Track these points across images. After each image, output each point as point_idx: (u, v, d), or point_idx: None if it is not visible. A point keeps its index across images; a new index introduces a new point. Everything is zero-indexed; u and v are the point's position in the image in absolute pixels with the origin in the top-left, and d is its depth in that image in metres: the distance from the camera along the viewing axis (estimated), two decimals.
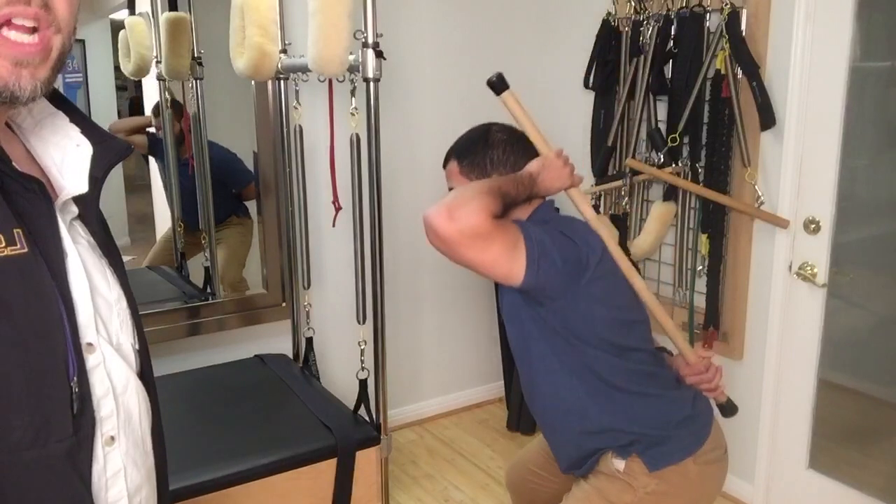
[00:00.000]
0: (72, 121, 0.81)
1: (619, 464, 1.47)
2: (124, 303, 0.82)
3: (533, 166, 1.48)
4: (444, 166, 1.61)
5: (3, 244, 0.66)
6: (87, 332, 0.74)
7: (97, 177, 0.79)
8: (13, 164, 0.71)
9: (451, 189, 1.55)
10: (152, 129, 2.48)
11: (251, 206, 2.59)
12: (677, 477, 1.46)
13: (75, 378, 0.71)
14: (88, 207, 0.80)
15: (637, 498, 1.46)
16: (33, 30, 0.68)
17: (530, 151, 1.53)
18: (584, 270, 1.39)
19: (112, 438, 0.76)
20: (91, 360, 0.74)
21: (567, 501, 1.56)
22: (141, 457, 0.81)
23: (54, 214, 0.73)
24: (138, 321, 0.85)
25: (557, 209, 1.61)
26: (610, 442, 1.48)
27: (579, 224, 1.49)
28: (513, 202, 1.39)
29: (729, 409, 1.68)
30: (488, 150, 1.53)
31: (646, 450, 1.46)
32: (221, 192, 2.55)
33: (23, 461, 0.68)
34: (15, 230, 0.68)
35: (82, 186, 0.77)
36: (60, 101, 0.82)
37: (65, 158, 0.78)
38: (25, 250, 0.68)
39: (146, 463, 0.83)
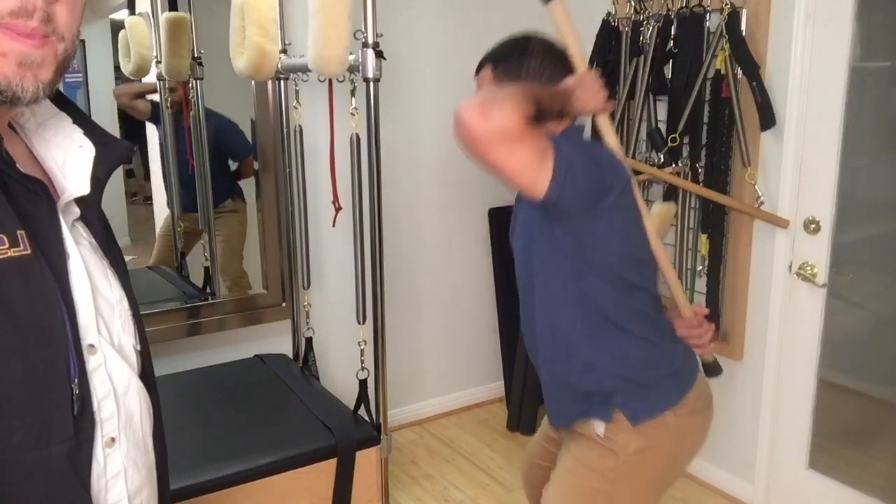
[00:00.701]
0: (74, 122, 0.81)
1: (600, 427, 1.46)
2: (126, 304, 0.82)
3: (569, 82, 1.44)
4: (476, 73, 1.55)
5: (7, 245, 0.66)
6: (89, 334, 0.74)
7: (99, 178, 0.79)
8: (17, 165, 0.71)
9: None
10: (156, 97, 2.46)
11: (247, 189, 2.57)
12: (657, 431, 1.46)
13: (76, 379, 0.71)
14: (90, 209, 0.80)
15: (619, 461, 1.45)
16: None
17: (567, 68, 1.49)
18: (607, 195, 1.36)
19: (112, 440, 0.76)
20: (92, 362, 0.74)
21: (553, 477, 1.55)
22: (142, 458, 0.81)
23: (56, 216, 0.73)
24: (140, 322, 0.85)
25: None
26: (594, 384, 1.46)
27: (607, 151, 1.46)
28: (545, 113, 1.34)
29: (714, 368, 1.68)
30: (525, 59, 1.48)
31: (627, 403, 1.45)
32: (219, 167, 2.52)
33: (24, 463, 0.68)
34: (18, 231, 0.68)
35: (84, 188, 0.77)
36: (64, 103, 0.82)
37: (67, 160, 0.78)
38: (28, 252, 0.68)
39: (147, 464, 0.83)
